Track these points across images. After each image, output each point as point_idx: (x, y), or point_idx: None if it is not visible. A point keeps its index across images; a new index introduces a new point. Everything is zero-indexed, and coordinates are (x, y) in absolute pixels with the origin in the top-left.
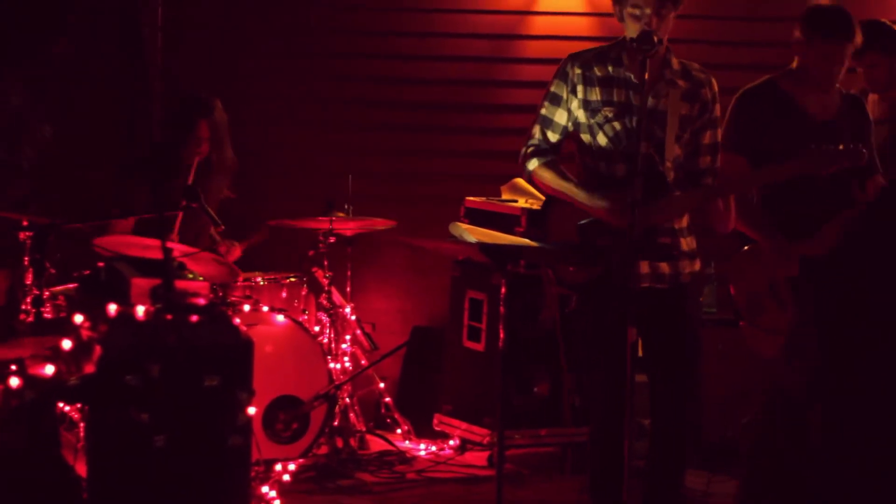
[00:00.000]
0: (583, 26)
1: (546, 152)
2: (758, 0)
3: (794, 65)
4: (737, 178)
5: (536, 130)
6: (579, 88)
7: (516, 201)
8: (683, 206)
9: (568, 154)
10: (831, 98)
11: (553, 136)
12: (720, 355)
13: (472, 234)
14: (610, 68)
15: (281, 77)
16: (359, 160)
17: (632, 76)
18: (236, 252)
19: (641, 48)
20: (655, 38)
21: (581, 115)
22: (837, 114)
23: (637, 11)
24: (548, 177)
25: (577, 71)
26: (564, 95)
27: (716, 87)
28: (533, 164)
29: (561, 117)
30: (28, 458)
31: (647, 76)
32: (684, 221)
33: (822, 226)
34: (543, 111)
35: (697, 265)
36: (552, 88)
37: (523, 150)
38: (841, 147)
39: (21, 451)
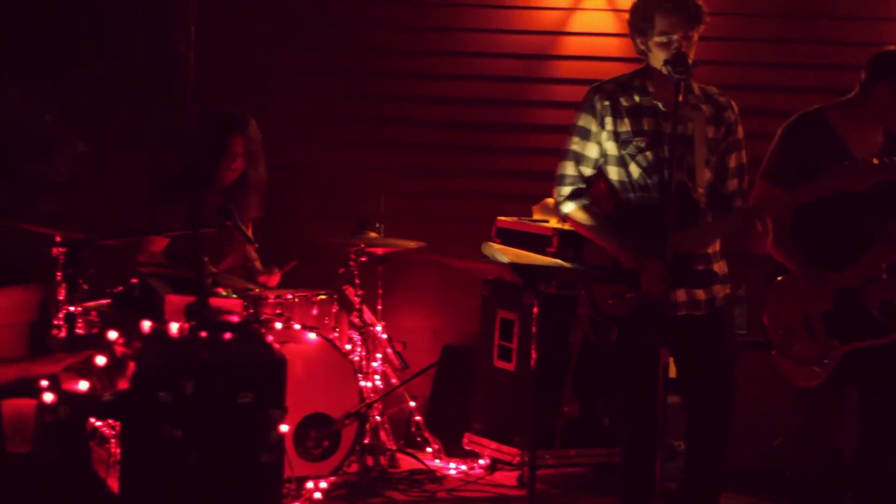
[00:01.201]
0: (615, 47)
1: (583, 193)
2: (788, 23)
3: (850, 96)
4: (771, 200)
5: (569, 167)
6: (608, 120)
7: (548, 221)
8: (717, 231)
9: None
10: (875, 136)
11: (587, 171)
12: (749, 377)
13: (504, 253)
14: (636, 98)
15: (313, 97)
16: (391, 179)
17: (659, 104)
18: (276, 277)
19: (676, 70)
20: (690, 61)
21: (611, 147)
22: (879, 152)
23: (665, 39)
24: (583, 222)
25: (605, 103)
26: (594, 129)
27: (736, 109)
28: (569, 208)
29: (592, 151)
30: (61, 472)
31: (680, 98)
32: (717, 245)
33: (858, 256)
34: (574, 147)
35: (729, 288)
36: (580, 123)
37: (559, 189)
38: (876, 161)
39: (55, 466)
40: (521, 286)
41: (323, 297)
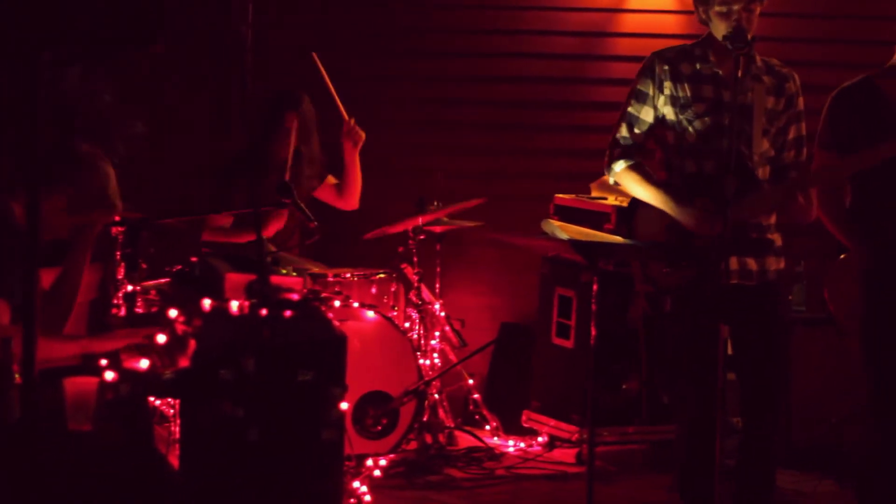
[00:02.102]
0: (673, 24)
1: (632, 153)
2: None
3: (893, 61)
4: (826, 169)
5: (623, 128)
6: (667, 85)
7: (605, 199)
8: (772, 201)
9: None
10: None
11: (639, 134)
12: (809, 354)
13: (564, 231)
14: (697, 65)
15: (371, 77)
16: (448, 158)
17: (720, 72)
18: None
19: (735, 46)
20: (749, 36)
21: (669, 111)
22: None
23: (725, 9)
24: (633, 181)
25: (665, 67)
26: (651, 92)
27: (798, 81)
28: (619, 166)
29: (647, 114)
30: (123, 451)
31: (739, 73)
32: (772, 218)
33: None
34: (630, 109)
35: (783, 263)
36: (638, 86)
37: (609, 150)
38: None
39: (116, 444)
40: (579, 263)
41: (382, 275)
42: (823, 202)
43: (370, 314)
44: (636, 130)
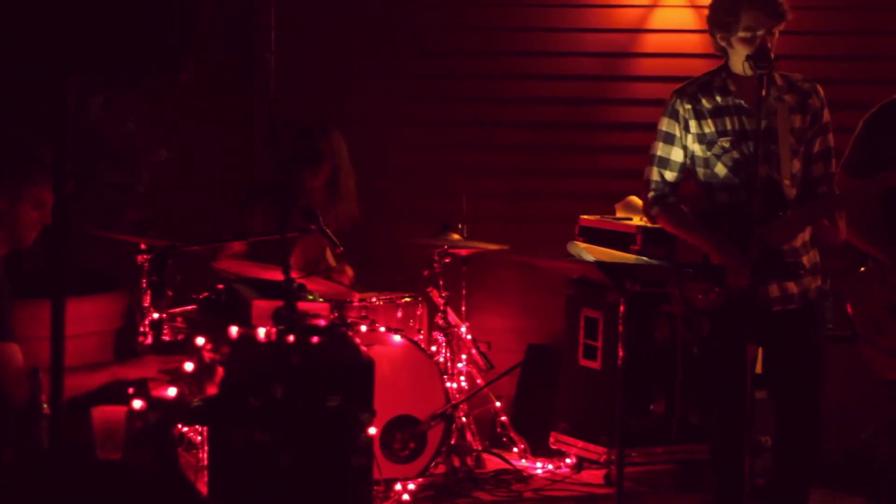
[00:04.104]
0: (695, 43)
1: (666, 195)
2: (868, 16)
3: None
4: (851, 192)
5: (654, 173)
6: (692, 123)
7: (631, 219)
8: (802, 221)
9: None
10: None
11: (671, 176)
12: (835, 371)
13: (589, 252)
14: (718, 98)
15: (393, 100)
16: (472, 181)
17: (742, 102)
18: (349, 274)
19: (758, 66)
20: (772, 55)
21: (697, 148)
22: None
23: (749, 34)
24: (671, 221)
25: (687, 106)
26: (678, 133)
27: (822, 93)
28: (655, 210)
29: (677, 155)
30: (153, 479)
31: (763, 93)
32: (807, 236)
33: None
34: (658, 152)
35: (819, 280)
36: (663, 128)
37: (645, 194)
38: None
39: (146, 473)
40: (605, 285)
41: (407, 299)
42: (851, 214)
43: (397, 338)
44: (667, 172)
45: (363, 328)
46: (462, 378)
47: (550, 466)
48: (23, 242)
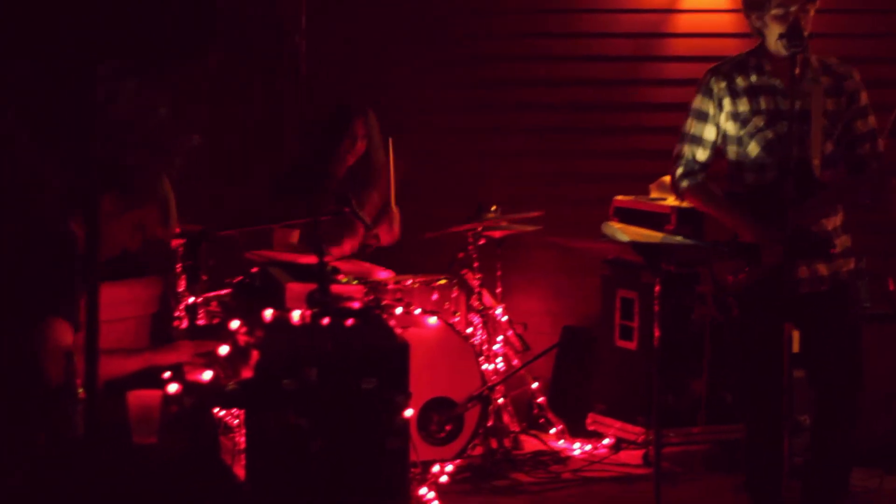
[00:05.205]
0: (728, 23)
1: (696, 173)
2: None
3: None
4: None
5: (685, 150)
6: (726, 101)
7: (665, 199)
8: (833, 202)
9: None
10: None
11: (702, 154)
12: (875, 350)
13: (624, 232)
14: (753, 77)
15: (429, 84)
16: (506, 163)
17: (777, 82)
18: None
19: (791, 44)
20: (805, 34)
21: (731, 127)
22: None
23: (782, 11)
24: (699, 199)
25: (722, 84)
26: (711, 111)
27: (858, 77)
28: (684, 187)
29: (709, 133)
30: (189, 463)
31: (797, 72)
32: (838, 220)
33: None
34: (691, 129)
35: (853, 263)
36: (697, 105)
37: (674, 170)
38: None
39: (182, 456)
40: (641, 265)
41: (443, 281)
42: None
43: (432, 320)
44: (698, 150)
45: (398, 311)
46: (498, 360)
47: (588, 447)
48: (107, 252)
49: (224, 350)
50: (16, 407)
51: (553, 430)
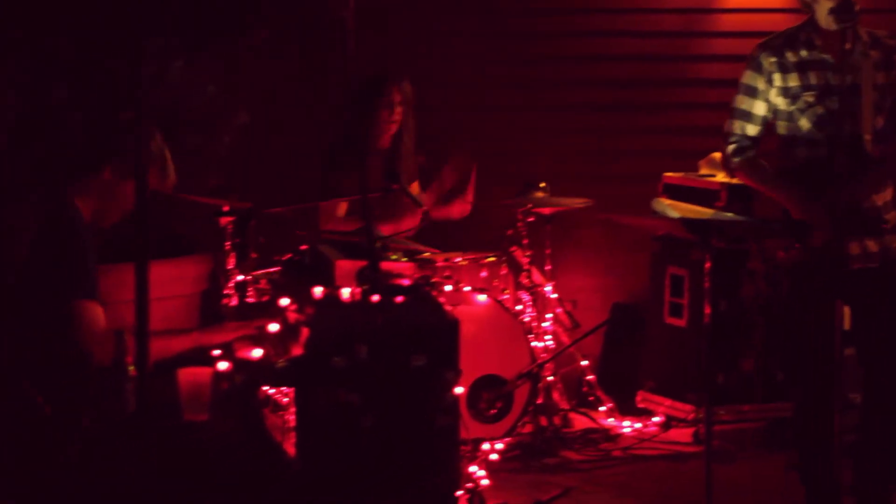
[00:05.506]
0: None
1: (746, 148)
2: None
3: None
4: None
5: (735, 125)
6: (776, 76)
7: (714, 176)
8: (885, 177)
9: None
10: None
11: (752, 130)
12: None
13: (674, 209)
14: (803, 52)
15: (475, 60)
16: (554, 140)
17: (827, 57)
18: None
19: (841, 18)
20: (856, 8)
21: (781, 102)
22: None
23: None
24: (750, 175)
25: (772, 59)
26: (761, 86)
27: None
28: (735, 163)
29: (759, 108)
30: (239, 439)
31: (847, 47)
32: (889, 195)
33: None
34: (741, 105)
35: None
36: (746, 81)
37: (725, 147)
38: None
39: (232, 433)
40: (690, 242)
41: (492, 259)
42: None
43: (482, 298)
44: (749, 125)
45: (448, 288)
46: (548, 337)
47: (638, 425)
48: (113, 219)
49: (274, 327)
50: (67, 389)
51: (603, 408)
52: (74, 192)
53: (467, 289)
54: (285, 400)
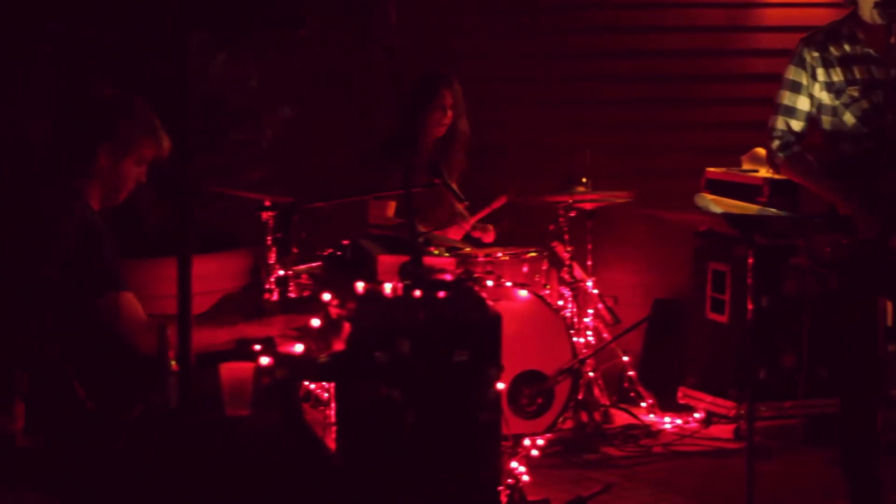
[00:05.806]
0: None
1: (791, 144)
2: None
3: None
4: None
5: (779, 121)
6: (819, 72)
7: (757, 171)
8: None
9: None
10: None
11: (797, 125)
12: None
13: (717, 204)
14: (847, 47)
15: (516, 57)
16: (596, 135)
17: (871, 50)
18: (491, 235)
19: (886, 11)
20: None
21: (825, 97)
22: None
23: None
24: (796, 170)
25: (815, 54)
26: (805, 81)
27: None
28: (780, 159)
29: (803, 104)
30: (280, 434)
31: (893, 40)
32: None
33: None
34: (784, 101)
35: None
36: (790, 76)
37: (770, 142)
38: None
39: (273, 428)
40: (733, 237)
41: (533, 254)
42: None
43: (523, 293)
44: (793, 120)
45: (489, 283)
46: (589, 333)
47: (679, 421)
48: (118, 200)
49: (316, 322)
50: (111, 383)
51: (643, 404)
52: (81, 182)
53: (509, 284)
54: (326, 395)
